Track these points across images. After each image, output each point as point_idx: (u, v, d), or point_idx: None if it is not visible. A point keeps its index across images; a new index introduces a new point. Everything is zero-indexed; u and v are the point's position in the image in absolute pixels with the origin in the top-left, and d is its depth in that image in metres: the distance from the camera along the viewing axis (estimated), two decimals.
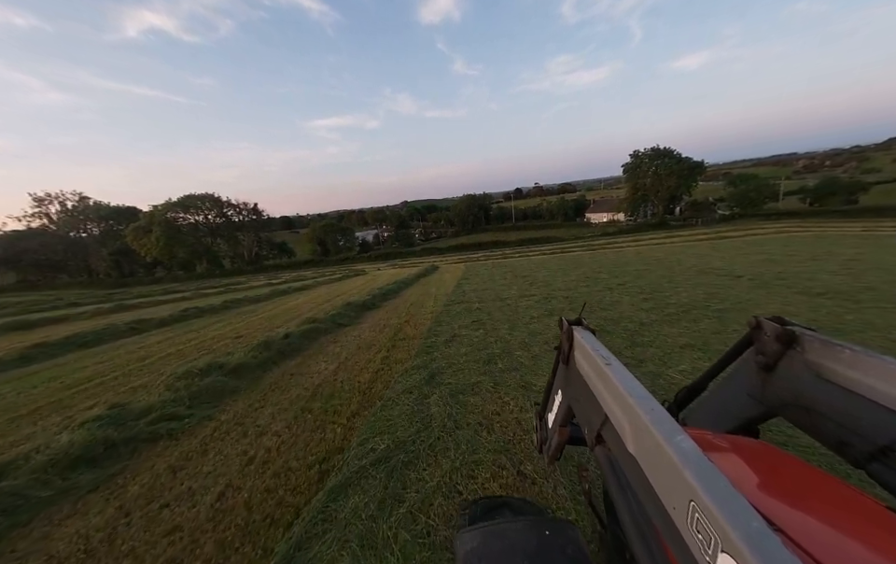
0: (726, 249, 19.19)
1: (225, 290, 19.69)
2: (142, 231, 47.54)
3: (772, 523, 0.64)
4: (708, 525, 0.52)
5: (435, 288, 14.16)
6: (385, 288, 13.58)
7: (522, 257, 29.62)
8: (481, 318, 8.16)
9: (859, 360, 0.95)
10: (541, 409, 1.76)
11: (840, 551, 0.67)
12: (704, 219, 48.60)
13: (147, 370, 6.12)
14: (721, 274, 11.40)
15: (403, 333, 7.50)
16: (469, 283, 14.46)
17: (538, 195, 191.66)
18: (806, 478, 0.93)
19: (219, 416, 4.32)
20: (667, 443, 0.64)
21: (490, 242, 55.41)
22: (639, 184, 56.77)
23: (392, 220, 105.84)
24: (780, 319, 1.18)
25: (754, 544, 0.46)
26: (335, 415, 4.16)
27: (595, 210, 78.61)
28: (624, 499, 0.88)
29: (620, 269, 14.59)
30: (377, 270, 31.60)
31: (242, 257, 53.65)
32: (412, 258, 49.63)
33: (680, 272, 12.67)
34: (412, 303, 10.91)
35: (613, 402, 0.87)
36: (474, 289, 12.82)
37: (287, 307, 11.93)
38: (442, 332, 7.29)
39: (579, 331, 1.23)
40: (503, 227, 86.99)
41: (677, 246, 23.91)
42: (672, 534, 0.62)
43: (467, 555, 1.10)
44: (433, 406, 4.11)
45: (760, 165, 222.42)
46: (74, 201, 54.85)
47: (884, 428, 0.90)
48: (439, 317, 8.56)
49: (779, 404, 1.19)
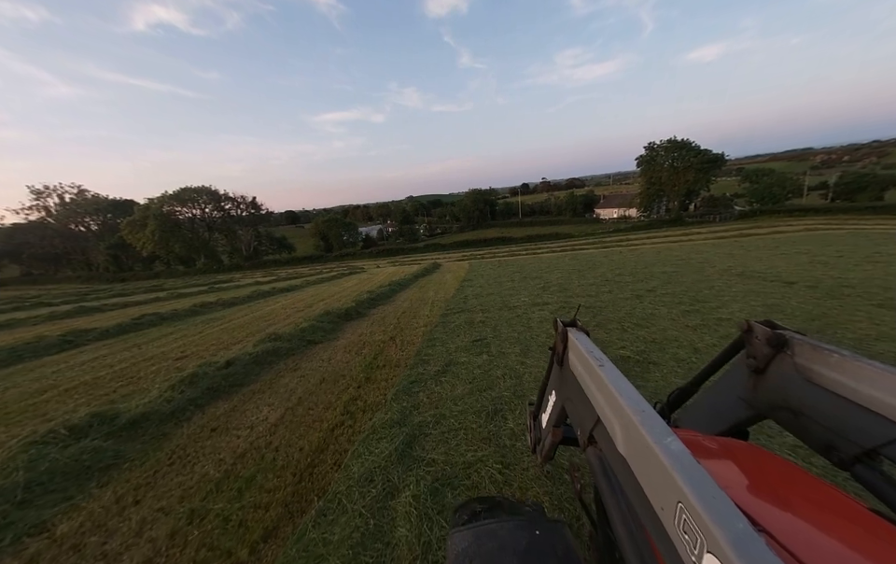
0: (756, 248, 17.25)
1: (208, 290, 18.18)
2: (137, 224, 46.16)
3: (757, 524, 0.67)
4: (695, 526, 0.53)
5: (433, 291, 12.47)
6: (377, 290, 11.94)
7: (530, 255, 27.81)
8: (484, 336, 6.47)
9: (847, 365, 0.95)
10: (535, 409, 1.77)
11: (823, 551, 0.67)
12: (722, 216, 46.17)
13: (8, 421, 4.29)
14: (767, 280, 9.59)
15: (385, 357, 5.84)
16: (471, 285, 12.76)
17: (545, 191, 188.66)
18: (792, 480, 0.95)
19: (53, 528, 2.63)
20: (656, 444, 0.64)
21: (496, 238, 53.43)
22: (654, 178, 53.68)
23: (396, 216, 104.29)
24: (771, 323, 1.18)
25: (738, 545, 0.46)
26: (236, 535, 2.50)
27: (606, 206, 76.09)
28: (615, 499, 0.86)
29: (644, 271, 12.79)
30: (376, 267, 30.03)
31: (240, 252, 52.14)
32: (414, 254, 47.99)
33: (716, 275, 10.88)
34: (403, 312, 9.25)
35: (605, 404, 0.88)
36: (477, 293, 11.12)
37: (259, 315, 10.29)
38: (434, 357, 5.62)
39: (573, 332, 1.24)
40: (509, 223, 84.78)
41: (698, 245, 21.92)
42: (660, 534, 0.62)
43: (458, 555, 1.10)
44: (400, 524, 2.44)
45: (774, 160, 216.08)
46: (72, 194, 53.97)
47: (869, 431, 0.91)
48: (433, 333, 6.89)
49: (769, 407, 1.20)
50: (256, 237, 55.69)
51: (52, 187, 53.19)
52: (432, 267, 20.95)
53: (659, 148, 52.75)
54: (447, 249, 50.47)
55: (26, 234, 52.85)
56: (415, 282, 15.28)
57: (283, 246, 58.36)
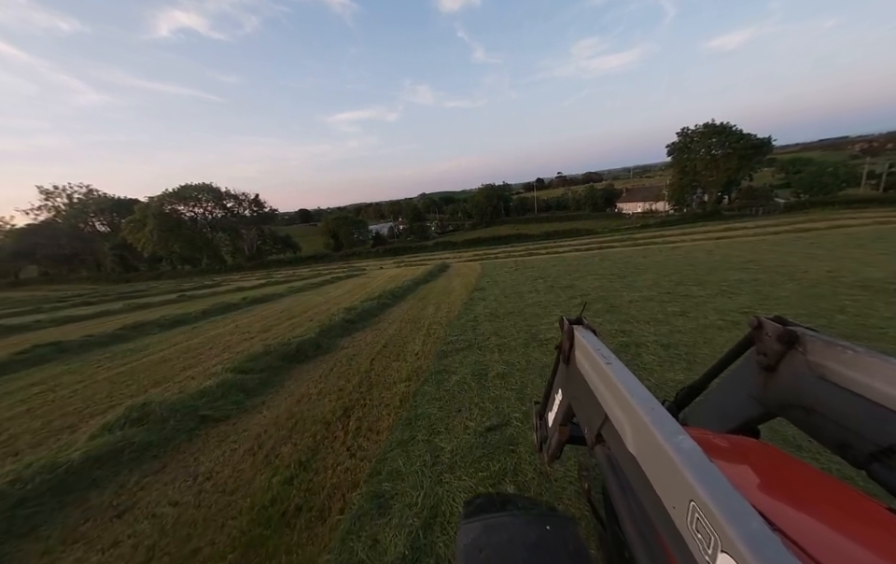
0: (835, 246, 13.56)
1: (177, 298, 15.80)
2: (137, 224, 44.54)
3: (772, 523, 0.64)
4: (708, 525, 0.52)
5: (434, 305, 9.58)
6: (363, 305, 9.13)
7: (551, 254, 24.55)
8: (506, 415, 3.57)
9: (861, 361, 0.93)
10: (542, 408, 1.74)
11: (839, 551, 0.66)
12: (765, 208, 41.50)
13: None
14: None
15: (312, 480, 3.00)
16: (483, 297, 9.82)
17: (560, 185, 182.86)
18: (806, 479, 0.93)
19: None
20: (667, 442, 0.63)
21: (511, 235, 49.88)
22: (689, 167, 48.33)
23: (407, 213, 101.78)
24: (781, 319, 1.15)
25: (754, 544, 0.45)
26: None
27: (629, 199, 71.30)
28: (624, 498, 0.84)
29: (711, 278, 9.57)
30: (379, 269, 27.36)
31: (242, 252, 50.18)
32: (423, 253, 45.17)
33: (815, 283, 7.74)
34: (384, 345, 6.40)
35: (613, 402, 0.87)
36: (492, 310, 8.18)
37: (184, 348, 7.34)
38: (406, 491, 2.74)
39: (580, 330, 1.21)
40: (525, 219, 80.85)
41: (753, 242, 18.17)
42: (672, 534, 0.61)
43: (467, 546, 1.09)
44: None
45: (806, 150, 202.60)
46: (80, 194, 53.33)
47: (885, 429, 0.88)
48: (415, 403, 4.03)
49: (780, 405, 1.17)
50: (260, 236, 53.60)
51: (62, 187, 52.75)
52: (438, 270, 18.06)
53: (693, 134, 47.25)
54: (458, 248, 47.46)
55: (37, 235, 52.58)
56: (415, 291, 12.43)
57: (287, 245, 56.07)
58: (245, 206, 52.13)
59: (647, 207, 63.24)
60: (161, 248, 44.43)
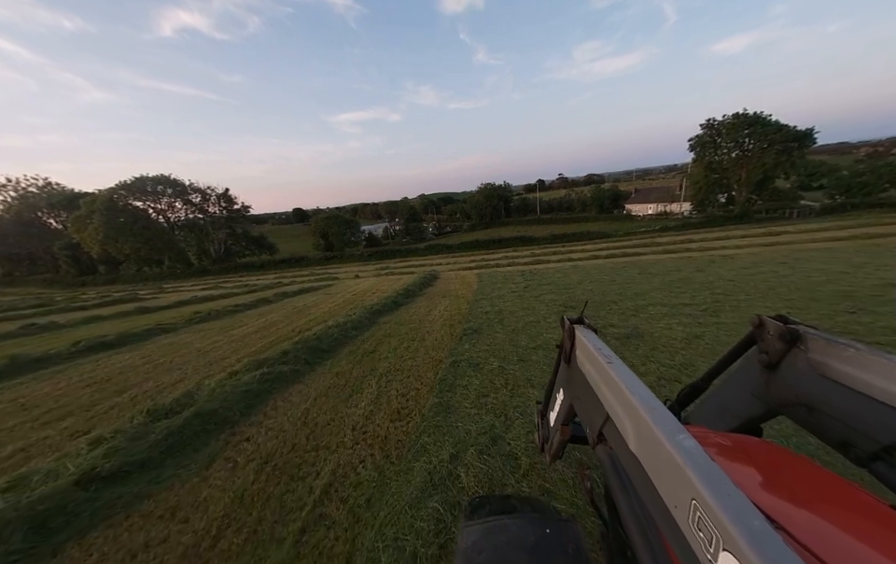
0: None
1: (53, 323, 10.80)
2: (83, 220, 38.88)
3: (774, 521, 0.64)
4: (710, 523, 0.52)
5: (405, 350, 4.71)
6: (263, 369, 4.29)
7: (562, 261, 19.68)
8: None
9: (863, 359, 0.92)
10: (543, 407, 1.74)
11: (842, 549, 0.65)
12: (800, 211, 36.73)
13: None
14: None
15: None
16: (477, 342, 5.00)
17: (562, 187, 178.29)
18: (809, 476, 0.92)
19: None
20: (669, 441, 0.63)
21: (513, 237, 44.79)
22: (714, 164, 42.66)
23: (403, 213, 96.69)
24: (783, 318, 1.14)
25: (755, 543, 0.45)
26: None
27: (639, 200, 66.45)
28: (626, 497, 0.84)
29: (800, 297, 4.83)
30: (355, 277, 22.43)
31: (208, 253, 44.57)
32: (413, 257, 40.13)
33: None
34: None
35: (615, 401, 0.87)
36: (490, 383, 3.35)
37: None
38: None
39: (581, 329, 1.20)
40: (527, 220, 75.84)
41: (808, 251, 13.24)
42: (674, 532, 0.61)
43: (468, 548, 1.09)
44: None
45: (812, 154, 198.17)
46: (37, 186, 47.84)
47: (888, 427, 0.87)
48: None
49: (782, 403, 1.16)
50: (231, 236, 48.14)
51: (15, 179, 47.24)
52: (422, 284, 13.15)
53: (721, 126, 41.53)
54: (454, 251, 42.42)
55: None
56: (374, 326, 7.53)
57: (261, 246, 50.54)
58: (213, 202, 46.58)
59: (660, 209, 58.44)
60: (111, 247, 38.63)
